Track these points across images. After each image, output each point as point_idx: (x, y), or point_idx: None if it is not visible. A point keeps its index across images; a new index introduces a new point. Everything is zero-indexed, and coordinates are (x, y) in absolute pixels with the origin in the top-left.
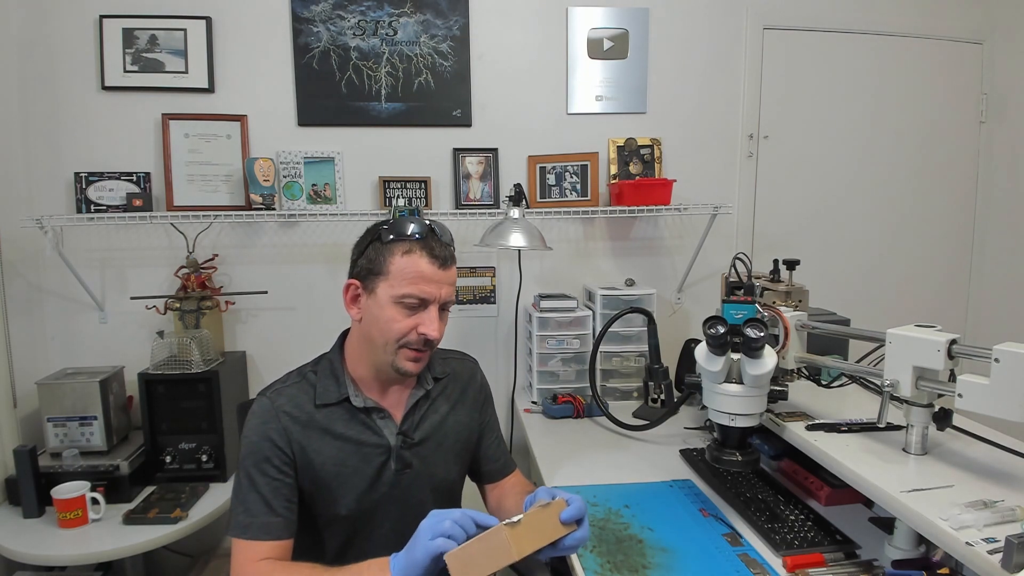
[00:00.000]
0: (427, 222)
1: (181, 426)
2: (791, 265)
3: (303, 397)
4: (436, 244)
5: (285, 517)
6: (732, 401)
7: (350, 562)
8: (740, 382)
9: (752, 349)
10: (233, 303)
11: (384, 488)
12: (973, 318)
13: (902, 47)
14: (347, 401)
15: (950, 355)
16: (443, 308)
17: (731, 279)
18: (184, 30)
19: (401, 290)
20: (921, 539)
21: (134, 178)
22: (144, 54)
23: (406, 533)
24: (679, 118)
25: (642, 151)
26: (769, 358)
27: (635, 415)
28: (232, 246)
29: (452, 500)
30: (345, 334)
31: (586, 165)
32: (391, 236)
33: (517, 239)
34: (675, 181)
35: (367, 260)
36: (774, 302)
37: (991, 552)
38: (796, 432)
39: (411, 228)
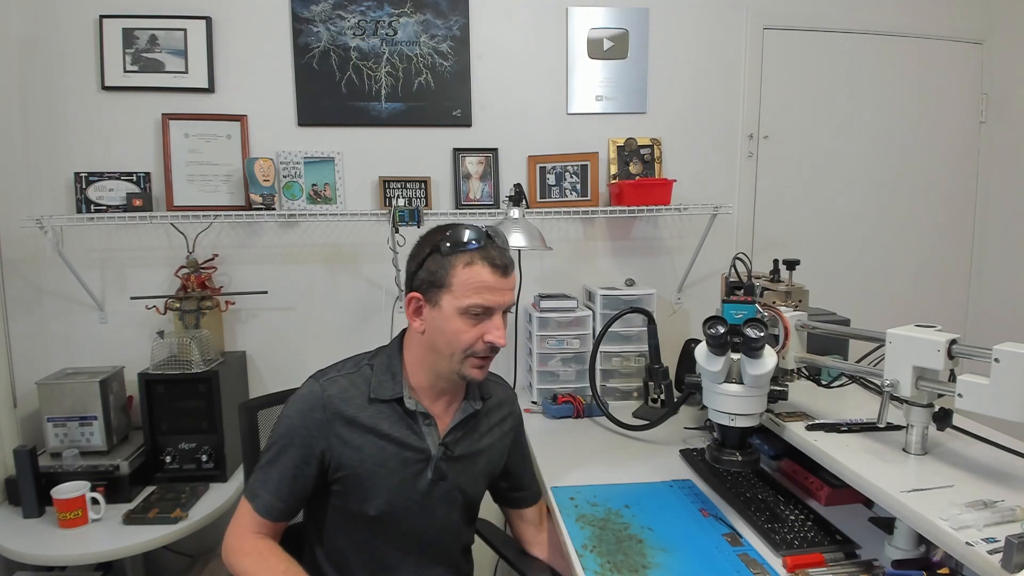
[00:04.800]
0: (483, 229)
1: (181, 426)
2: (791, 265)
3: (354, 390)
4: (496, 252)
5: (289, 504)
6: (732, 401)
7: (367, 559)
8: (740, 382)
9: (752, 349)
10: (233, 303)
11: (416, 495)
12: (973, 318)
13: (902, 47)
14: (398, 401)
15: (950, 355)
16: (505, 312)
17: (731, 279)
18: (184, 30)
19: (466, 301)
20: (921, 539)
21: (134, 178)
22: (144, 54)
23: (426, 543)
24: (679, 118)
25: (642, 151)
26: (769, 358)
27: (635, 415)
28: (232, 246)
29: (472, 521)
30: (403, 334)
31: (586, 165)
32: (450, 247)
33: (517, 239)
34: (675, 181)
35: (428, 272)
36: (774, 302)
37: (991, 552)
38: (796, 432)
39: (470, 237)
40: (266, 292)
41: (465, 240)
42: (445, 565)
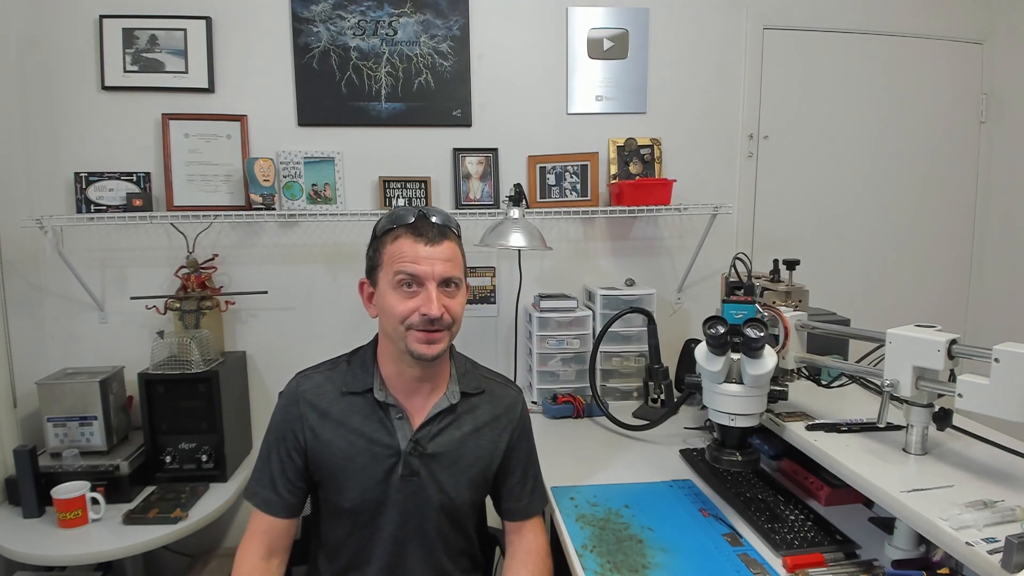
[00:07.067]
0: (418, 208)
1: (181, 426)
2: (791, 265)
3: (329, 386)
4: (424, 224)
5: (285, 498)
6: (732, 401)
7: (350, 554)
8: (740, 382)
9: (752, 349)
10: (233, 303)
11: (390, 491)
12: (973, 318)
13: (902, 47)
14: (371, 392)
15: (950, 355)
16: (448, 285)
17: (731, 279)
18: (184, 30)
19: (393, 273)
20: (921, 539)
21: (134, 178)
22: (144, 54)
23: (405, 541)
24: (679, 118)
25: (642, 151)
26: (769, 358)
27: (635, 415)
28: (232, 246)
29: (459, 525)
30: None
31: (586, 165)
32: (381, 228)
33: (517, 239)
34: (675, 181)
35: (369, 258)
36: (774, 302)
37: (991, 552)
38: (796, 432)
39: (397, 216)
40: (266, 292)
41: (393, 219)
42: (428, 568)
